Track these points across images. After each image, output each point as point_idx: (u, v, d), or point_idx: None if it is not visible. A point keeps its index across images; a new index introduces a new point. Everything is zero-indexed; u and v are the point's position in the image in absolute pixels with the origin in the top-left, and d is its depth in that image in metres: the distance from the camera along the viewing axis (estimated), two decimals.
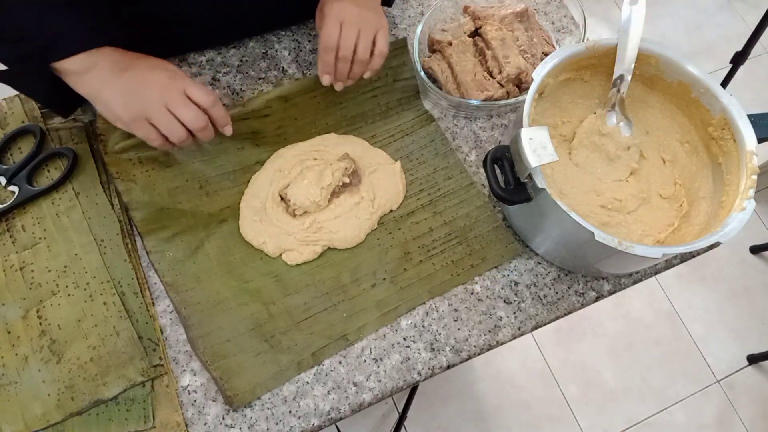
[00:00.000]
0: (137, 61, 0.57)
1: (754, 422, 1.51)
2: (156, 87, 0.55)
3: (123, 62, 0.56)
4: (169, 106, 0.55)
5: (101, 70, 0.54)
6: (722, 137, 0.64)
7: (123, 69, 0.55)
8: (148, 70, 0.56)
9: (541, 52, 0.77)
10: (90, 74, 0.54)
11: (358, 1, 0.63)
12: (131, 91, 0.55)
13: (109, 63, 0.55)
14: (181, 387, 0.58)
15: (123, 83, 0.55)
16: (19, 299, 0.59)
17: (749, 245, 1.71)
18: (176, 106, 0.55)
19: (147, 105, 0.55)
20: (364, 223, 0.66)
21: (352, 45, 0.61)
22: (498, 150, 0.60)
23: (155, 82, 0.55)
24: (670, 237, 0.64)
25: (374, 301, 0.63)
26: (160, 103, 0.55)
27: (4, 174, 0.64)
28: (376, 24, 0.63)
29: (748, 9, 2.08)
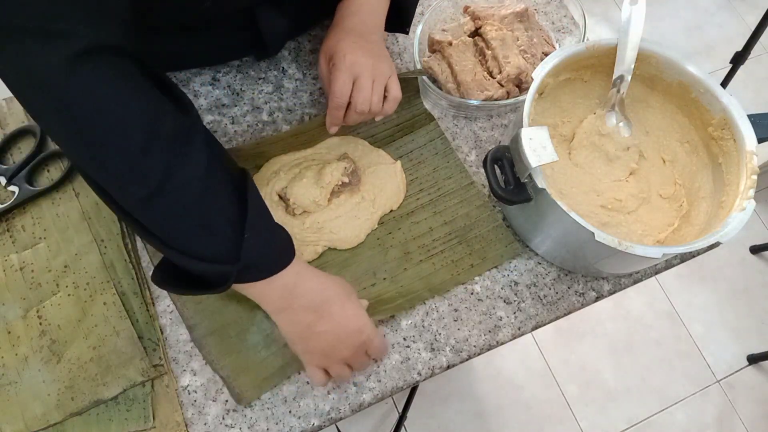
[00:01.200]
0: (336, 304, 0.54)
1: (754, 422, 1.51)
2: (346, 351, 0.54)
3: (320, 302, 0.53)
4: (349, 363, 0.55)
5: (297, 314, 0.53)
6: (722, 137, 0.64)
7: (321, 314, 0.53)
8: (343, 331, 0.54)
9: (541, 52, 0.77)
10: (284, 315, 0.53)
11: (370, 51, 0.61)
12: (321, 350, 0.54)
13: (305, 309, 0.53)
14: (181, 387, 0.58)
15: (317, 333, 0.53)
16: (19, 299, 0.59)
17: (749, 245, 1.71)
18: (357, 365, 0.56)
19: (331, 362, 0.54)
20: (365, 223, 0.66)
21: (368, 100, 0.60)
22: (498, 150, 0.60)
23: (352, 345, 0.54)
24: (670, 237, 0.64)
25: (374, 299, 0.63)
26: (343, 361, 0.55)
27: (4, 174, 0.64)
28: (388, 71, 0.62)
29: (748, 9, 2.08)
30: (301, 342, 0.54)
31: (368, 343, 0.55)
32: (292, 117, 0.71)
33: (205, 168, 0.45)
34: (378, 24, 0.65)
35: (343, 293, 0.55)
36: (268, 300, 0.53)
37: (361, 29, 0.63)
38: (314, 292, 0.54)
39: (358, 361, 0.56)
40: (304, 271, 0.54)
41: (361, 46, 0.61)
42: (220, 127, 0.69)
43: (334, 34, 0.63)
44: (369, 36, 0.63)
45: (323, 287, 0.54)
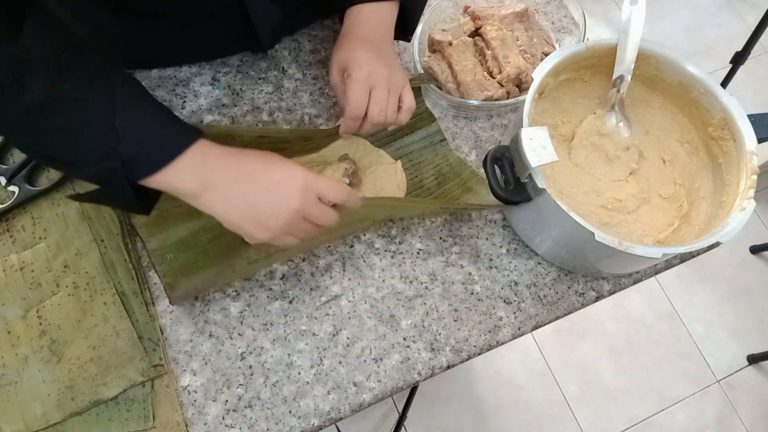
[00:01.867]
0: (256, 173, 0.51)
1: (754, 422, 1.51)
2: (291, 206, 0.51)
3: (241, 178, 0.50)
4: (307, 219, 0.52)
5: (219, 191, 0.50)
6: (722, 137, 0.64)
7: (245, 188, 0.50)
8: (276, 186, 0.51)
9: (541, 52, 0.77)
10: (208, 195, 0.50)
11: (385, 61, 0.60)
12: (265, 215, 0.51)
13: (225, 180, 0.50)
14: (181, 387, 0.58)
15: (252, 206, 0.50)
16: (19, 299, 0.59)
17: (749, 245, 1.71)
18: (315, 218, 0.53)
19: (286, 225, 0.51)
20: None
21: (385, 111, 0.59)
22: (498, 150, 0.60)
23: (288, 200, 0.51)
24: (670, 237, 0.64)
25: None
26: (298, 219, 0.52)
27: (4, 174, 0.64)
28: (402, 81, 0.61)
29: (748, 9, 2.08)
30: (237, 218, 0.51)
31: (311, 185, 0.52)
32: (292, 117, 0.71)
33: (43, 91, 0.44)
34: (388, 32, 0.64)
35: (262, 156, 0.52)
36: (182, 185, 0.49)
37: (372, 38, 0.62)
38: (230, 163, 0.50)
39: (313, 213, 0.52)
40: (214, 149, 0.50)
41: (376, 56, 0.60)
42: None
43: (345, 44, 0.62)
44: (381, 45, 0.62)
45: (240, 158, 0.51)
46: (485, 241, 0.68)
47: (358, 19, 0.63)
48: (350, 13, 0.64)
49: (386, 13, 0.64)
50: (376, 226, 0.67)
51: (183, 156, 0.48)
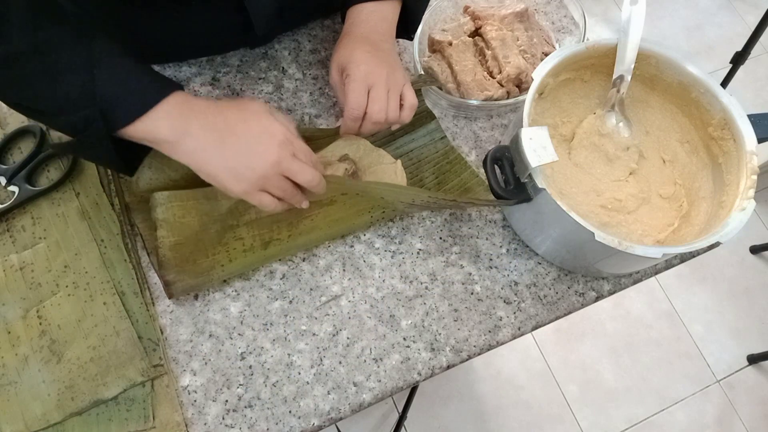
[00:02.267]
0: (236, 124, 0.51)
1: (754, 422, 1.51)
2: (268, 159, 0.51)
3: (218, 125, 0.50)
4: (285, 174, 0.52)
5: (196, 139, 0.50)
6: (722, 137, 0.64)
7: (223, 137, 0.50)
8: (254, 138, 0.51)
9: (541, 52, 0.77)
10: (185, 143, 0.50)
11: (384, 60, 0.60)
12: (241, 165, 0.50)
13: (203, 128, 0.50)
14: (181, 387, 0.58)
15: (228, 156, 0.50)
16: (19, 299, 0.59)
17: (749, 245, 1.71)
18: (293, 173, 0.52)
19: (262, 178, 0.51)
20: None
21: (384, 110, 0.59)
22: (498, 150, 0.60)
23: (266, 152, 0.51)
24: (670, 237, 0.64)
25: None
26: (274, 174, 0.52)
27: (4, 174, 0.64)
28: (402, 80, 0.61)
29: (748, 9, 2.08)
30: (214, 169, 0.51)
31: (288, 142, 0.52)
32: (292, 117, 0.71)
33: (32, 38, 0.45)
34: (389, 31, 0.64)
35: (244, 108, 0.53)
36: (161, 133, 0.49)
37: (373, 38, 0.61)
38: (209, 112, 0.51)
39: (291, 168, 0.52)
40: (194, 99, 0.51)
41: (375, 55, 0.60)
42: None
43: (345, 44, 0.62)
44: (381, 44, 0.62)
45: (220, 108, 0.52)
46: (485, 241, 0.68)
47: (359, 18, 0.63)
48: (351, 12, 0.64)
49: (388, 12, 0.63)
50: (376, 226, 0.67)
51: (162, 103, 0.49)
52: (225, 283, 0.62)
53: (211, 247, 0.61)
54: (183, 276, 0.59)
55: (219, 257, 0.61)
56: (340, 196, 0.64)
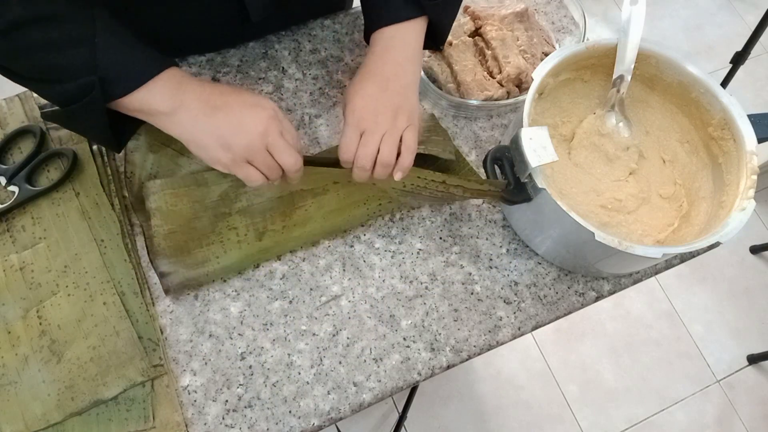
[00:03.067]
0: (229, 97, 0.53)
1: (754, 422, 1.51)
2: (256, 129, 0.52)
3: (213, 99, 0.52)
4: (269, 149, 0.53)
5: (190, 111, 0.51)
6: (722, 137, 0.64)
7: (216, 107, 0.52)
8: (246, 109, 0.53)
9: (541, 52, 0.77)
10: (179, 115, 0.51)
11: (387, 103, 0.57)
12: (230, 133, 0.52)
13: (198, 101, 0.52)
14: (181, 387, 0.58)
15: (219, 125, 0.52)
16: (19, 299, 0.59)
17: (749, 245, 1.71)
18: (277, 150, 0.53)
19: (248, 148, 0.52)
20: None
21: (372, 156, 0.56)
22: (498, 150, 0.60)
23: (255, 123, 0.52)
24: (670, 237, 0.64)
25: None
26: (261, 145, 0.52)
27: (4, 174, 0.64)
28: (403, 123, 0.57)
29: (748, 9, 2.08)
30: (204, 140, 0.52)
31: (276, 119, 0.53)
32: (292, 117, 0.71)
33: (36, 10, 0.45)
34: (411, 57, 0.59)
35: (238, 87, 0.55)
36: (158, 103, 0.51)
37: (387, 73, 0.58)
38: (205, 86, 0.53)
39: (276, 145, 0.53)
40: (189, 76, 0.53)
41: (378, 97, 0.57)
42: None
43: (358, 78, 0.59)
44: (395, 82, 0.58)
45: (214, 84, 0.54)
46: (485, 241, 0.68)
47: (380, 45, 0.59)
48: (373, 38, 0.60)
49: (410, 35, 0.59)
50: (375, 225, 0.67)
51: (160, 76, 0.50)
52: (225, 283, 0.62)
53: (204, 237, 0.61)
54: (178, 267, 0.59)
55: (213, 248, 0.61)
56: (332, 185, 0.64)
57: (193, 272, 0.60)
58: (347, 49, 0.76)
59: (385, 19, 0.59)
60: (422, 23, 0.60)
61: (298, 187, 0.63)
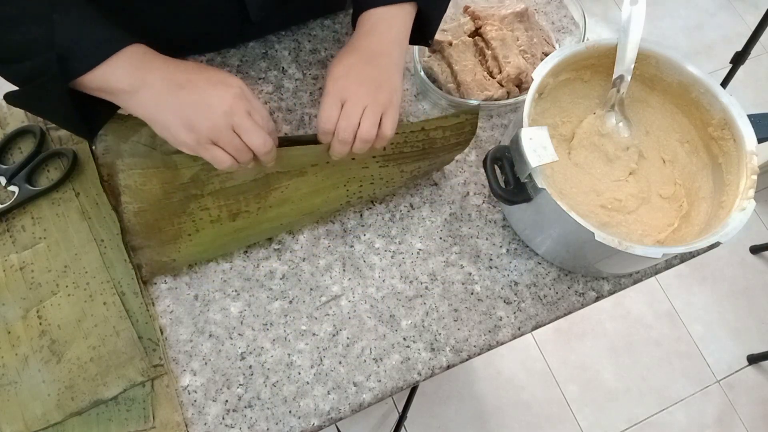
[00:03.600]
0: (193, 74, 0.51)
1: (754, 422, 1.51)
2: (220, 108, 0.50)
3: (177, 77, 0.50)
4: (236, 129, 0.51)
5: (153, 89, 0.49)
6: (722, 137, 0.64)
7: (180, 86, 0.50)
8: (211, 87, 0.50)
9: (541, 52, 0.77)
10: (142, 94, 0.49)
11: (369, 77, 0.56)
12: (194, 112, 0.50)
13: (162, 79, 0.49)
14: (181, 387, 0.58)
15: (182, 103, 0.49)
16: (19, 299, 0.59)
17: (749, 245, 1.71)
18: (244, 130, 0.51)
19: (213, 128, 0.50)
20: None
21: (353, 128, 0.54)
22: (498, 150, 0.60)
23: (219, 101, 0.50)
24: (670, 237, 0.64)
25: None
26: (227, 125, 0.50)
27: (4, 174, 0.64)
28: (385, 100, 0.55)
29: (748, 9, 2.08)
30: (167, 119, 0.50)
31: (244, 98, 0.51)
32: (292, 117, 0.71)
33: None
34: (396, 40, 0.59)
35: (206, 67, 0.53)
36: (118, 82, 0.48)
37: (372, 49, 0.57)
38: (169, 63, 0.51)
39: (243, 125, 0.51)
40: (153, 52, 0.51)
41: (361, 69, 0.56)
42: None
43: (341, 53, 0.58)
44: (378, 59, 0.57)
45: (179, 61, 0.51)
46: (485, 241, 0.68)
47: (366, 26, 0.59)
48: (360, 19, 0.60)
49: (396, 19, 0.59)
50: (376, 226, 0.67)
51: (122, 53, 0.48)
52: (225, 283, 0.62)
53: (176, 216, 0.61)
54: (150, 242, 0.60)
55: (185, 226, 0.61)
56: (310, 167, 0.62)
57: (164, 248, 0.60)
58: None
59: (374, 1, 0.58)
60: (411, 10, 0.59)
61: (273, 170, 0.61)
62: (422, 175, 0.67)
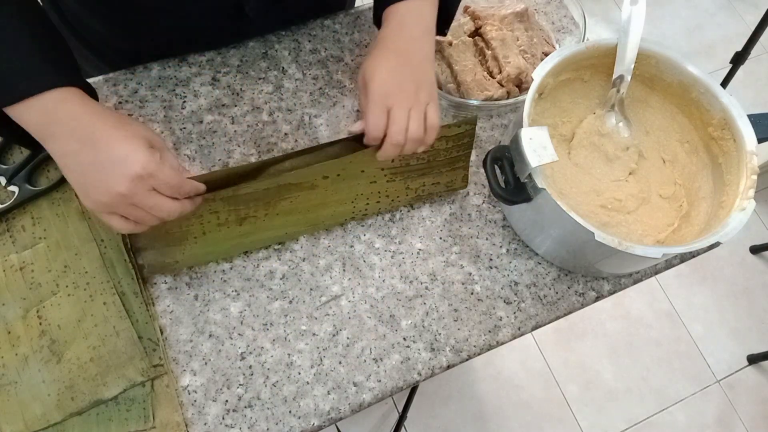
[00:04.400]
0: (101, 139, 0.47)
1: (754, 422, 1.51)
2: (117, 188, 0.47)
3: (84, 135, 0.47)
4: (137, 204, 0.49)
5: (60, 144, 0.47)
6: (722, 137, 0.64)
7: (83, 148, 0.47)
8: (109, 162, 0.47)
9: (541, 52, 0.77)
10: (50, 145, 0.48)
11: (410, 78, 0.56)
12: (90, 184, 0.48)
13: (69, 136, 0.47)
14: (181, 387, 0.58)
15: (83, 170, 0.47)
16: (19, 299, 0.59)
17: (749, 245, 1.71)
18: (146, 207, 0.49)
19: (107, 205, 0.48)
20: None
21: (404, 131, 0.55)
22: (498, 150, 0.60)
23: (118, 182, 0.47)
24: (670, 237, 0.64)
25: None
26: (126, 201, 0.48)
27: (4, 174, 0.64)
28: (426, 98, 0.57)
29: (748, 9, 2.08)
30: (73, 180, 0.49)
31: (147, 177, 0.48)
32: (292, 117, 0.71)
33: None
34: (426, 31, 0.59)
35: (117, 122, 0.48)
36: (28, 126, 0.47)
37: (405, 47, 0.57)
38: (81, 120, 0.47)
39: (143, 200, 0.48)
40: (74, 101, 0.47)
41: (400, 71, 0.56)
42: (220, 127, 0.69)
43: (375, 53, 0.58)
44: (413, 55, 0.57)
45: (91, 116, 0.48)
46: (485, 241, 0.68)
47: (394, 22, 0.58)
48: (386, 14, 0.59)
49: (423, 11, 0.58)
50: (376, 226, 0.67)
51: (34, 98, 0.46)
52: (225, 283, 0.62)
53: (185, 219, 0.60)
54: (155, 243, 0.59)
55: (193, 228, 0.60)
56: (321, 180, 0.62)
57: (169, 249, 0.60)
58: (347, 49, 0.76)
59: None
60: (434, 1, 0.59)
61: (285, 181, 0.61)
62: (426, 196, 0.68)
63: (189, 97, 0.70)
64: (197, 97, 0.70)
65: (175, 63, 0.72)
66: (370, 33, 0.78)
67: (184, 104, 0.70)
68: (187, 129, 0.68)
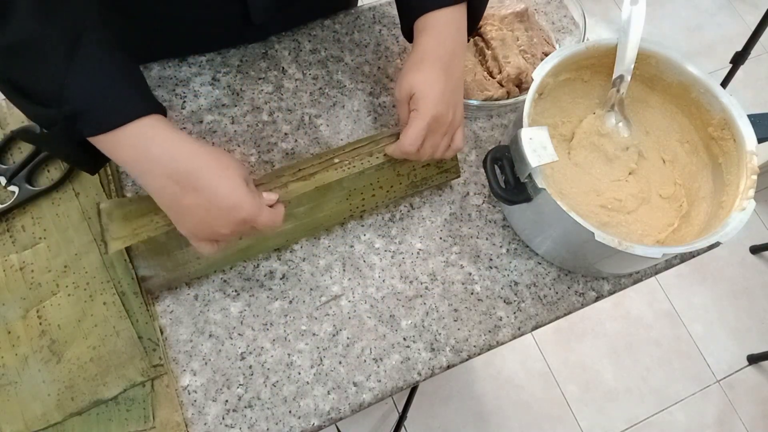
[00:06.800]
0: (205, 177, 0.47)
1: (754, 422, 1.51)
2: (222, 231, 0.50)
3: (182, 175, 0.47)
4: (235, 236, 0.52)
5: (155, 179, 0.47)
6: (722, 137, 0.64)
7: (185, 186, 0.47)
8: (216, 209, 0.48)
9: (541, 52, 0.77)
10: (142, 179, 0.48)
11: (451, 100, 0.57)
12: (196, 221, 0.49)
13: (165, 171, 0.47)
14: (181, 387, 0.58)
15: (185, 208, 0.48)
16: (19, 299, 0.59)
17: (749, 245, 1.71)
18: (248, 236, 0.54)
19: (211, 237, 0.51)
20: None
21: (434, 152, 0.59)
22: (498, 150, 0.60)
23: (228, 222, 0.49)
24: (670, 237, 0.64)
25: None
26: (232, 235, 0.51)
27: (4, 174, 0.64)
28: (458, 122, 0.60)
29: (748, 9, 2.08)
30: (171, 214, 0.50)
31: (250, 221, 0.50)
32: (292, 117, 0.71)
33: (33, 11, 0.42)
34: (462, 43, 0.59)
35: (216, 165, 0.48)
36: (120, 159, 0.47)
37: (447, 59, 0.57)
38: (174, 158, 0.47)
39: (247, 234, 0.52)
40: (163, 133, 0.47)
41: (445, 92, 0.57)
42: (220, 127, 0.69)
43: (420, 66, 0.57)
44: (454, 70, 0.58)
45: (188, 155, 0.47)
46: (485, 241, 0.68)
47: (435, 30, 0.57)
48: (422, 25, 0.58)
49: (458, 16, 0.58)
50: (376, 226, 0.67)
51: (126, 128, 0.45)
52: (225, 283, 0.62)
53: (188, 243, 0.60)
54: (158, 270, 0.59)
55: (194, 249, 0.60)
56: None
57: (173, 274, 0.60)
58: (347, 49, 0.76)
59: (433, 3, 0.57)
60: (464, 7, 0.59)
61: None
62: (420, 183, 0.67)
63: (189, 97, 0.70)
64: (197, 97, 0.70)
65: (175, 63, 0.72)
66: (370, 33, 0.78)
67: (184, 104, 0.70)
68: (187, 129, 0.69)
